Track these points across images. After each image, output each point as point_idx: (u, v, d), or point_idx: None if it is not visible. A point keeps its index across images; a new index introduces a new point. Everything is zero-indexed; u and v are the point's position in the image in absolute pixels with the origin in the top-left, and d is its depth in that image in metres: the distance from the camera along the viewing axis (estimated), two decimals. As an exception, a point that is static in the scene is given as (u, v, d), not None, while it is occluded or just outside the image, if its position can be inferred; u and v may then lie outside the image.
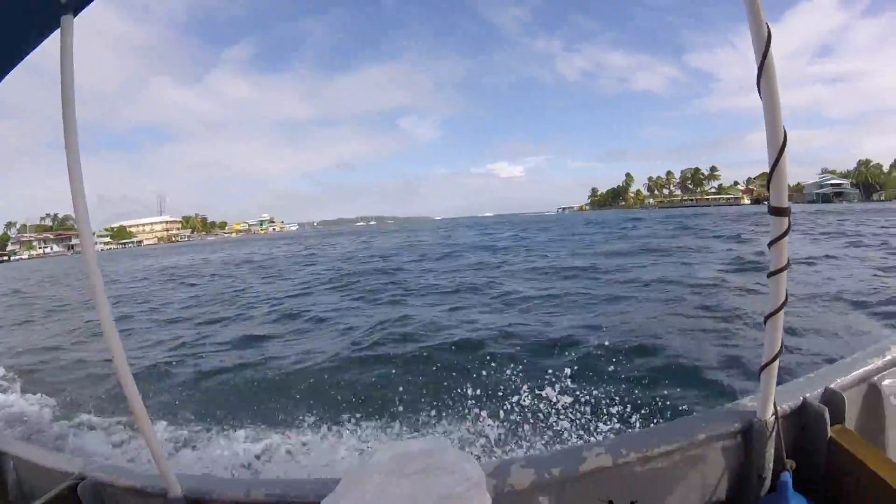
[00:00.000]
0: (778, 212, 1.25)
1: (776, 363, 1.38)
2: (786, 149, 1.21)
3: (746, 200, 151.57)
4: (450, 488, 1.18)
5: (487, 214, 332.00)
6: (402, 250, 33.04)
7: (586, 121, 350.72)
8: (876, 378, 1.67)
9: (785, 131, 1.21)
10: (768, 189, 1.26)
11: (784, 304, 1.30)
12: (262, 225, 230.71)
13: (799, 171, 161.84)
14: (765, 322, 1.35)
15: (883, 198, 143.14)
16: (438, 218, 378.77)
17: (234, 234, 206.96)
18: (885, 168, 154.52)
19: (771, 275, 1.29)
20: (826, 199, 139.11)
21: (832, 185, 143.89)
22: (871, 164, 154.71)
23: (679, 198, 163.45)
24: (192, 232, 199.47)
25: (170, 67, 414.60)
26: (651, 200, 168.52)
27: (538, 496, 1.48)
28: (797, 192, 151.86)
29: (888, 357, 1.70)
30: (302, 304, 13.67)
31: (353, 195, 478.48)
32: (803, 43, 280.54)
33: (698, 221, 43.32)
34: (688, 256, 18.21)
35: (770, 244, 1.28)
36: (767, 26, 1.18)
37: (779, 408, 1.49)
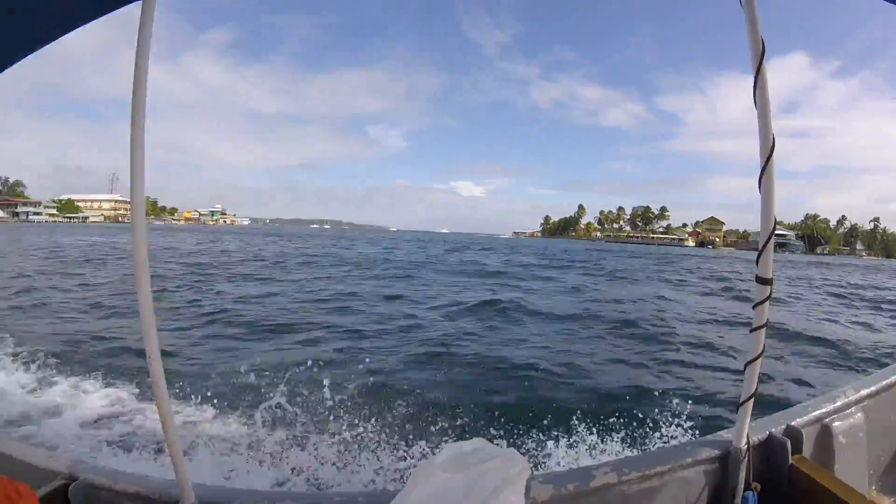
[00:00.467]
0: (763, 281, 1.51)
1: (751, 402, 1.65)
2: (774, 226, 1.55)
3: (691, 242, 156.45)
4: (502, 475, 1.36)
5: (443, 231, 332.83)
6: (318, 258, 31.80)
7: (552, 149, 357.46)
8: (827, 420, 2.02)
9: (774, 138, 1.45)
10: (757, 261, 1.53)
11: (762, 354, 1.57)
12: (212, 216, 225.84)
13: (749, 217, 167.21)
14: (745, 368, 1.62)
15: (826, 251, 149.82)
16: (394, 229, 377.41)
17: (181, 222, 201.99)
18: (833, 223, 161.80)
19: (752, 330, 1.56)
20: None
21: (776, 235, 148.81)
22: (818, 218, 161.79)
23: (626, 234, 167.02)
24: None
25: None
26: (598, 234, 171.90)
27: None
28: (743, 239, 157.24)
29: (838, 403, 2.07)
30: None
31: (313, 196, 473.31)
32: (772, 96, 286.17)
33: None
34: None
35: (754, 306, 1.53)
36: (762, 40, 1.38)
37: (750, 438, 1.77)
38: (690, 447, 1.84)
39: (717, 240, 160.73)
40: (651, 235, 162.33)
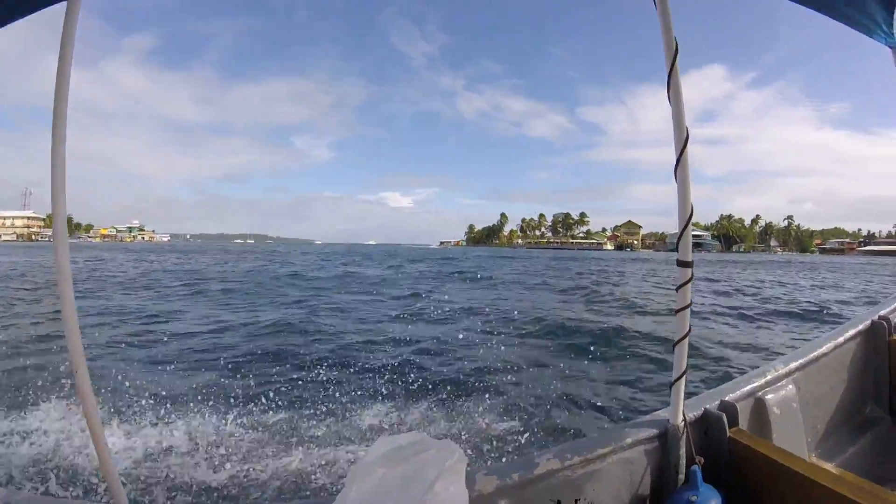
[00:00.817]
0: (683, 264, 1.62)
1: (683, 379, 1.73)
2: (689, 203, 1.66)
3: (609, 246, 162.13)
4: (440, 465, 1.36)
5: (371, 242, 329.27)
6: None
7: (479, 159, 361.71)
8: (760, 393, 2.13)
9: (687, 130, 1.54)
10: (677, 247, 1.65)
11: (688, 333, 1.65)
12: (130, 232, 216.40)
13: (668, 221, 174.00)
14: (673, 347, 1.69)
15: (742, 249, 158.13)
16: (319, 242, 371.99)
17: (97, 240, 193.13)
18: (748, 223, 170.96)
19: (677, 311, 1.63)
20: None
21: (693, 236, 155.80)
22: (734, 218, 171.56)
23: (547, 240, 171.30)
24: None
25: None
26: (520, 241, 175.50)
27: (501, 499, 1.63)
28: (661, 241, 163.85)
29: (768, 377, 2.19)
30: None
31: (239, 210, 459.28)
32: (689, 107, 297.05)
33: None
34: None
35: (677, 288, 1.63)
36: (675, 41, 1.47)
37: (687, 416, 1.84)
38: (629, 428, 1.86)
39: (636, 242, 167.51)
40: (571, 241, 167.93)
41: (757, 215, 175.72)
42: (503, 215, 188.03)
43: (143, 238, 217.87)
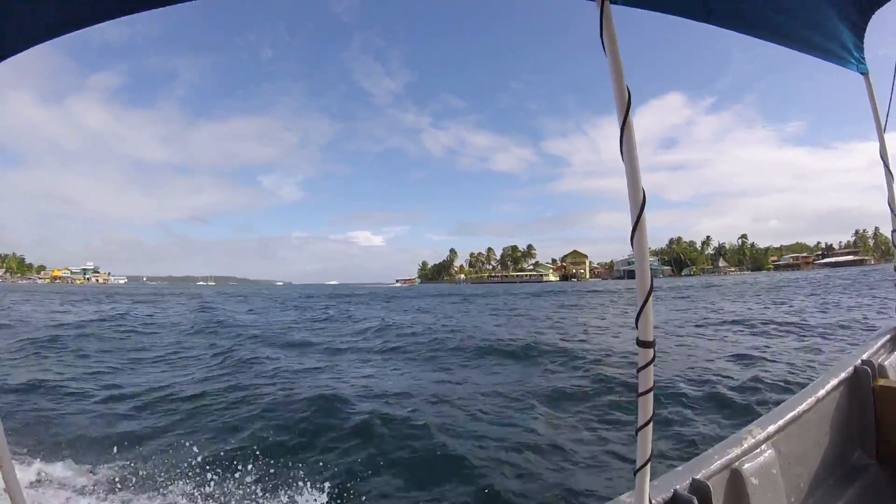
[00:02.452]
0: (645, 344, 1.39)
1: (648, 467, 1.49)
2: (651, 295, 1.40)
3: (552, 277, 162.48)
4: None
5: (332, 282, 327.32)
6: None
7: (447, 195, 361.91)
8: (737, 464, 1.92)
9: (644, 192, 1.35)
10: (636, 323, 1.42)
11: (652, 418, 1.44)
12: (84, 274, 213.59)
13: (623, 248, 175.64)
14: (636, 434, 1.48)
15: (693, 272, 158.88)
16: (280, 283, 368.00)
17: (47, 281, 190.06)
18: (700, 245, 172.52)
19: (640, 395, 1.43)
20: (631, 275, 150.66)
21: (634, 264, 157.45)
22: (683, 241, 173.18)
23: (488, 274, 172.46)
24: (6, 272, 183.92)
25: (33, 82, 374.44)
26: (463, 276, 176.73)
27: None
28: (608, 269, 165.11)
29: (745, 445, 1.98)
30: None
31: (203, 251, 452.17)
32: (652, 135, 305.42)
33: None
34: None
35: (638, 371, 1.41)
36: (628, 89, 1.34)
37: (653, 501, 1.63)
38: None
39: (582, 272, 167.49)
40: (513, 274, 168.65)
41: (707, 237, 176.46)
42: (452, 251, 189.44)
43: (96, 280, 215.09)
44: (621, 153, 1.35)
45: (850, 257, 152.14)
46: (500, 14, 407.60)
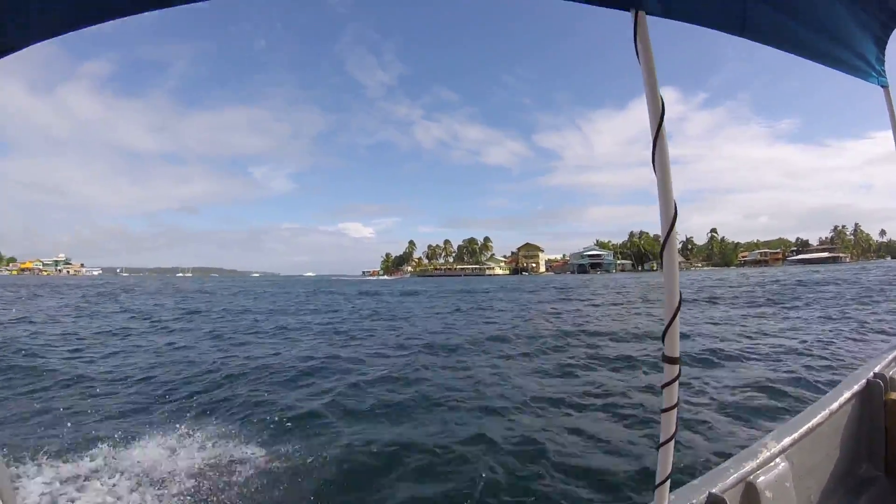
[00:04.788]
0: (671, 360, 1.36)
1: (668, 483, 1.51)
2: (679, 309, 1.34)
3: (499, 270, 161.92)
4: None
5: (309, 274, 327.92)
6: None
7: (438, 187, 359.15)
8: (752, 477, 1.95)
9: (676, 205, 1.31)
10: (662, 340, 1.36)
11: (674, 436, 1.44)
12: (56, 266, 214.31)
13: (587, 242, 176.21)
14: (658, 449, 1.49)
15: (654, 267, 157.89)
16: (256, 275, 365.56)
17: (14, 273, 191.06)
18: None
19: (664, 411, 1.42)
20: (582, 269, 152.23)
21: (590, 255, 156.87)
22: (645, 235, 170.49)
23: (434, 266, 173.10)
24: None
25: (24, 70, 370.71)
26: (409, 268, 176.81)
27: None
28: (563, 264, 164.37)
29: (760, 458, 2.01)
30: None
31: (190, 241, 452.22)
32: (643, 130, 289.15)
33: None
34: None
35: (663, 387, 1.40)
36: (661, 98, 1.30)
37: None
38: None
39: (535, 265, 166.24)
40: (457, 267, 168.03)
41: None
42: (411, 243, 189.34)
43: (68, 272, 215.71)
44: (653, 164, 1.32)
45: (825, 254, 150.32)
46: (496, 7, 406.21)
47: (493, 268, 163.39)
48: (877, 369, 2.75)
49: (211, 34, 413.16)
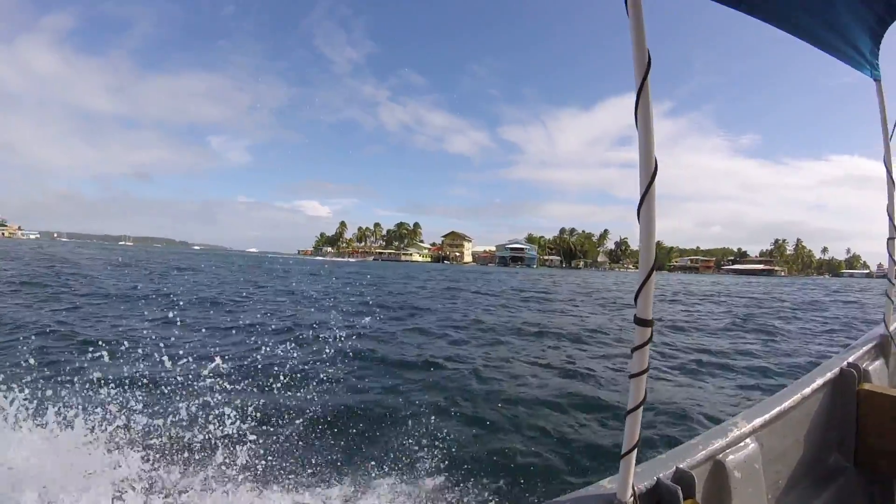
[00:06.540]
0: (643, 323, 1.33)
1: (634, 452, 1.45)
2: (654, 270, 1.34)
3: (418, 257, 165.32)
4: None
5: (251, 250, 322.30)
6: None
7: (399, 171, 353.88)
8: (720, 456, 1.88)
9: (656, 161, 1.35)
10: (635, 301, 1.33)
11: (643, 402, 1.38)
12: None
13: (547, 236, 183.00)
14: (625, 417, 1.42)
15: (581, 265, 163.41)
16: (197, 247, 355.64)
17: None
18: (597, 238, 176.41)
19: (632, 376, 1.37)
20: (504, 262, 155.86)
21: (511, 249, 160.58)
22: (577, 232, 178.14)
23: (353, 249, 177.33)
24: None
25: None
26: (330, 250, 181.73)
27: None
28: (490, 255, 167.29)
29: (729, 437, 1.94)
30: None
31: (142, 209, 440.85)
32: (606, 132, 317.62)
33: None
34: None
35: (633, 350, 1.36)
36: (648, 53, 1.23)
37: (636, 488, 1.56)
38: (571, 503, 1.64)
39: (459, 254, 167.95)
40: (375, 250, 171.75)
41: (605, 230, 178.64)
42: (342, 223, 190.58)
43: (2, 234, 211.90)
44: (636, 118, 1.30)
45: (760, 266, 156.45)
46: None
47: (412, 254, 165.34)
48: (850, 359, 2.71)
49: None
